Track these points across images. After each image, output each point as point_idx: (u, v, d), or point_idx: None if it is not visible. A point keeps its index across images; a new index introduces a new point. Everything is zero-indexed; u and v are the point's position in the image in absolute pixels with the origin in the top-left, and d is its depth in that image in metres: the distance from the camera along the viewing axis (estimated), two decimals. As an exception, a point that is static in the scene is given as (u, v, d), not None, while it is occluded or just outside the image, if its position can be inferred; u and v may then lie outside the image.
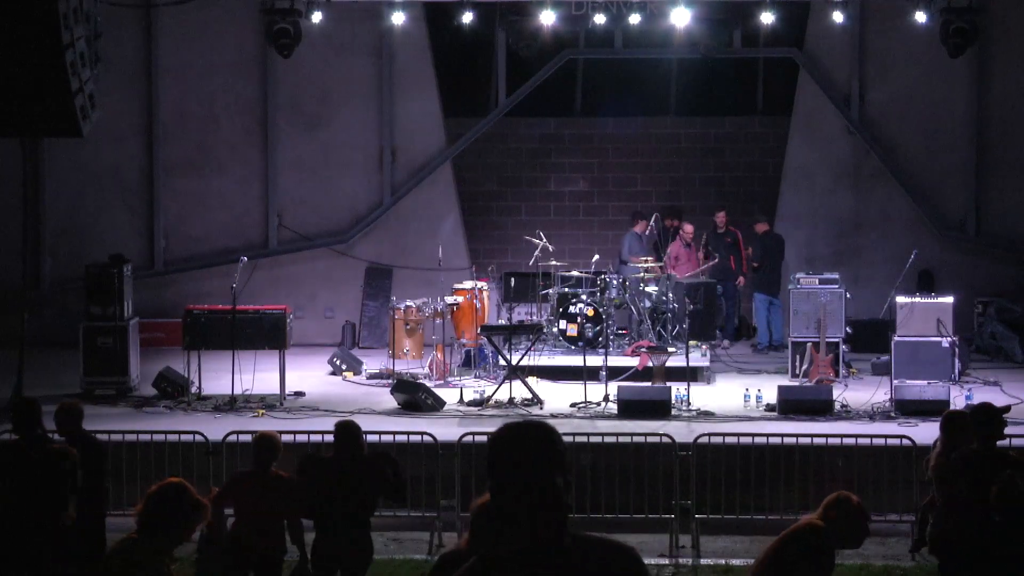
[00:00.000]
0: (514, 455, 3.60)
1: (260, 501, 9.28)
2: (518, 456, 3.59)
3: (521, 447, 3.61)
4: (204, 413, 15.36)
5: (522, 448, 3.60)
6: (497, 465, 3.60)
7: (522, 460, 3.58)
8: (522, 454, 3.59)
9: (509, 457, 3.60)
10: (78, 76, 13.75)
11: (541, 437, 3.63)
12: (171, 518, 6.20)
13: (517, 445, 3.62)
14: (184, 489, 6.31)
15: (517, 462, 3.58)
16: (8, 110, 13.88)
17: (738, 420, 14.81)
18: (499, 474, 3.59)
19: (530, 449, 3.60)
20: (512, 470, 3.58)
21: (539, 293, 18.49)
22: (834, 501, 6.82)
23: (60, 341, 18.28)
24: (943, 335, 16.16)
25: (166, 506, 6.22)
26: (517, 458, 3.59)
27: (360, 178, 21.12)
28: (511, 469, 3.58)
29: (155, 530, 6.19)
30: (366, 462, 9.53)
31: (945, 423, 9.64)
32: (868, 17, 20.53)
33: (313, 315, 20.53)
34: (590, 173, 21.89)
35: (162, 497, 6.25)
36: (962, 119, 20.75)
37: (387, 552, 12.25)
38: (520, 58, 21.62)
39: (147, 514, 6.22)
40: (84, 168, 20.63)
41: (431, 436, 13.17)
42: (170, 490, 6.30)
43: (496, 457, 3.61)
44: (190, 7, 19.16)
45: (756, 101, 22.40)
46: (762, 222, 19.91)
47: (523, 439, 3.63)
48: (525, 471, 3.57)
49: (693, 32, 20.26)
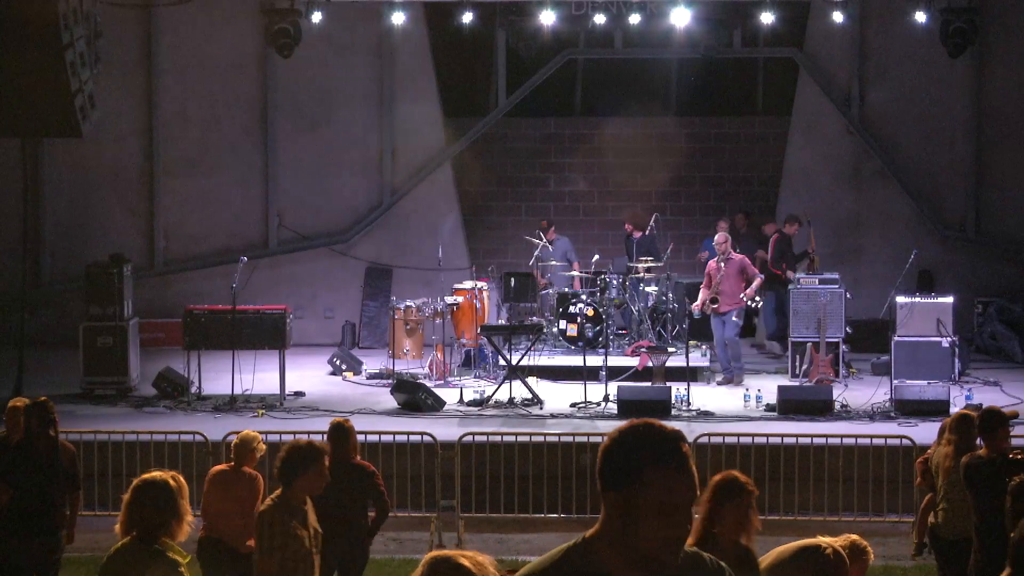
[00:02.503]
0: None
1: (232, 498, 9.29)
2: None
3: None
4: (204, 413, 15.36)
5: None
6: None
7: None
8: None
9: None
10: (78, 76, 13.77)
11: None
12: (162, 509, 6.12)
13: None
14: (156, 478, 6.23)
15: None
16: (8, 110, 13.90)
17: (738, 420, 14.82)
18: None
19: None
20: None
21: (539, 293, 18.51)
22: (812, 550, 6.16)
23: (60, 341, 18.28)
24: (943, 335, 16.16)
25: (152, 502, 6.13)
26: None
27: (360, 178, 21.12)
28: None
29: (153, 530, 6.12)
30: (355, 466, 9.48)
31: (956, 423, 9.48)
32: (868, 17, 20.53)
33: (313, 315, 20.53)
34: (590, 173, 21.88)
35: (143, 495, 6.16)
36: (962, 119, 20.75)
37: (387, 552, 12.25)
38: (520, 58, 21.62)
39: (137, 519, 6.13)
40: (84, 168, 20.63)
41: (431, 436, 13.17)
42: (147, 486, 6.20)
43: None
44: (190, 7, 19.15)
45: (756, 101, 22.40)
46: (771, 223, 19.80)
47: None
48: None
49: (693, 32, 20.25)
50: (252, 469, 9.48)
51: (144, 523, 6.12)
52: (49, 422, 9.66)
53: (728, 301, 16.73)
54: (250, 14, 20.00)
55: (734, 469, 7.15)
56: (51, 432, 9.66)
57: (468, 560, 4.19)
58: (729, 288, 16.73)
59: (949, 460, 9.29)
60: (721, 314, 16.80)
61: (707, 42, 21.00)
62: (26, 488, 9.55)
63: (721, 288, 16.72)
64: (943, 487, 9.40)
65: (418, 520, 12.96)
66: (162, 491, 6.15)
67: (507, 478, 13.27)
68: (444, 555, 4.26)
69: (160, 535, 6.11)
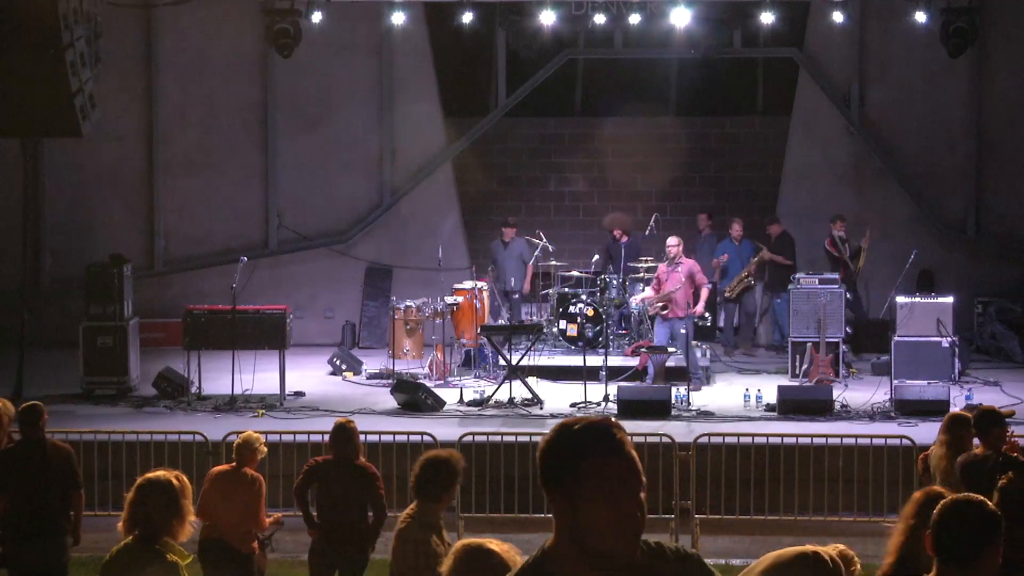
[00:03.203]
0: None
1: (233, 499, 9.29)
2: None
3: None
4: (204, 413, 15.36)
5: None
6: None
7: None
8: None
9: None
10: (78, 76, 13.77)
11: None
12: (165, 508, 6.13)
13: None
14: (160, 477, 6.24)
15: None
16: (8, 110, 13.90)
17: (738, 420, 14.82)
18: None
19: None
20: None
21: (539, 293, 18.51)
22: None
23: (60, 341, 18.27)
24: (943, 335, 16.16)
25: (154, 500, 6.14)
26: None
27: (360, 178, 21.12)
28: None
29: (154, 529, 6.13)
30: (358, 467, 9.48)
31: (948, 423, 9.53)
32: (868, 17, 20.54)
33: (313, 315, 20.52)
34: (590, 173, 21.88)
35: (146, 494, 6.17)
36: (962, 119, 20.76)
37: (387, 552, 12.23)
38: (520, 58, 21.61)
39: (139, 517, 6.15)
40: (84, 168, 20.63)
41: (431, 436, 13.18)
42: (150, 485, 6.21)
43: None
44: (190, 7, 19.16)
45: (756, 101, 22.40)
46: (776, 224, 19.76)
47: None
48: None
49: (693, 32, 20.25)
50: (253, 471, 9.49)
51: (146, 522, 6.12)
52: (37, 425, 9.63)
53: (678, 309, 16.51)
54: (250, 14, 20.00)
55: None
56: (40, 435, 9.64)
57: (497, 546, 4.24)
58: (681, 295, 16.51)
59: (943, 460, 9.32)
60: (669, 320, 16.51)
61: (707, 42, 20.99)
62: (20, 493, 9.54)
63: (672, 295, 16.46)
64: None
65: (418, 520, 12.95)
66: (165, 490, 6.15)
67: (507, 478, 13.27)
68: (475, 543, 4.29)
69: (161, 535, 6.11)
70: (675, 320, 16.54)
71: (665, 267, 16.74)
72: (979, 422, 9.12)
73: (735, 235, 19.47)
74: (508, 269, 19.17)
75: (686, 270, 16.63)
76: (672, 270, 16.61)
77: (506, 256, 19.23)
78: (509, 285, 19.08)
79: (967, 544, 4.06)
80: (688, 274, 16.61)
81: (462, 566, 4.26)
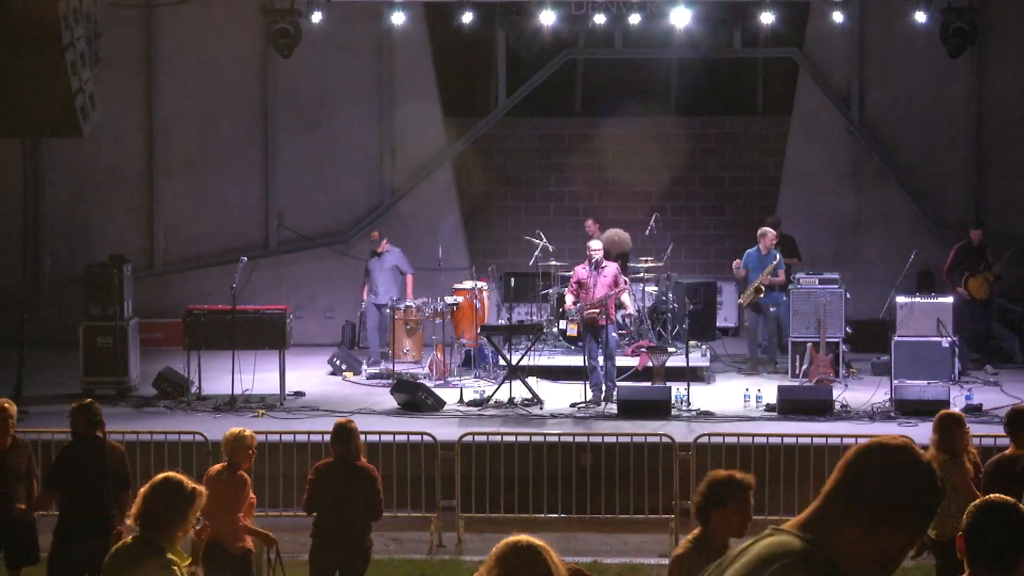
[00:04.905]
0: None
1: (223, 498, 9.29)
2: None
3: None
4: (204, 413, 15.37)
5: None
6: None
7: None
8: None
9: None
10: (78, 76, 13.77)
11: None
12: (171, 510, 6.17)
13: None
14: (179, 480, 6.30)
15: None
16: (8, 110, 13.90)
17: (738, 420, 14.83)
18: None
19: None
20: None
21: (539, 293, 18.50)
22: None
23: (60, 341, 18.27)
24: (943, 335, 16.16)
25: (164, 499, 6.19)
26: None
27: (360, 178, 21.12)
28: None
29: (158, 527, 6.17)
30: (359, 467, 9.48)
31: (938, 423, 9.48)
32: (868, 17, 20.54)
33: (313, 315, 20.52)
34: (590, 173, 21.87)
35: (158, 491, 6.23)
36: (962, 119, 20.75)
37: (387, 552, 12.25)
38: (520, 58, 21.61)
39: (147, 512, 6.20)
40: (84, 168, 20.62)
41: (431, 436, 13.18)
42: (166, 483, 6.28)
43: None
44: (190, 7, 19.17)
45: (756, 101, 22.39)
46: (779, 225, 19.64)
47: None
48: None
49: (693, 32, 20.25)
50: (244, 472, 9.48)
51: (151, 518, 6.19)
52: (95, 423, 9.68)
53: (607, 315, 15.88)
54: (250, 14, 20.00)
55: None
56: (98, 433, 9.67)
57: (540, 541, 4.27)
58: (611, 301, 15.96)
59: (935, 460, 9.30)
60: (601, 327, 15.83)
61: (707, 42, 21.00)
62: (76, 491, 9.58)
63: (596, 298, 15.77)
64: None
65: (418, 520, 12.97)
66: (177, 493, 6.22)
67: (507, 478, 13.27)
68: (520, 539, 4.29)
69: (163, 534, 6.16)
70: (606, 326, 15.85)
71: (588, 271, 15.95)
72: (1012, 422, 9.08)
73: (767, 244, 17.87)
74: (380, 281, 18.27)
75: (612, 274, 15.96)
76: (598, 275, 15.87)
77: (381, 267, 18.30)
78: (385, 298, 18.09)
79: (1004, 547, 4.02)
80: (614, 278, 15.96)
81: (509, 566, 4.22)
